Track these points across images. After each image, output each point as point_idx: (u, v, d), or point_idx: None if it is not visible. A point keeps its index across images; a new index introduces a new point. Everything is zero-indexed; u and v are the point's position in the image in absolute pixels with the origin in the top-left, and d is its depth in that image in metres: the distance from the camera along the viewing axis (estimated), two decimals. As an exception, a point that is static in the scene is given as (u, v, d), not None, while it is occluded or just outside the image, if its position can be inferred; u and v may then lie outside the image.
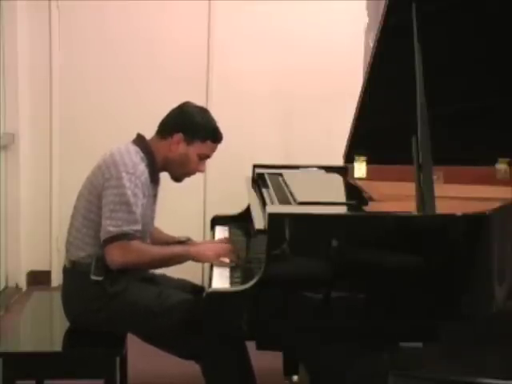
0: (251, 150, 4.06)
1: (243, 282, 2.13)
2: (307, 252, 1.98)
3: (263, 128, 4.29)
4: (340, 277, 1.98)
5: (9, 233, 4.25)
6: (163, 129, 2.52)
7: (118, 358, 2.36)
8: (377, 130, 2.63)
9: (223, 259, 2.38)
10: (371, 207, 2.23)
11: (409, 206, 2.07)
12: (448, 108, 2.51)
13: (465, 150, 2.61)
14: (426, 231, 2.01)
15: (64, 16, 4.18)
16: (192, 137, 2.48)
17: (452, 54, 2.45)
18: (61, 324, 2.46)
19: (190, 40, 4.22)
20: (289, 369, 2.89)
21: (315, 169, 2.99)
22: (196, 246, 2.53)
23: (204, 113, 2.54)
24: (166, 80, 4.19)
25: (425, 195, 2.01)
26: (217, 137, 2.52)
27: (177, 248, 2.49)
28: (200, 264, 4.08)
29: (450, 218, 2.01)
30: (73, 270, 2.43)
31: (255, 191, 2.73)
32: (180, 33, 4.21)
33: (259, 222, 2.19)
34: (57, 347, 2.40)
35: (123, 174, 2.34)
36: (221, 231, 2.86)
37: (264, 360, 2.41)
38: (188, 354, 2.36)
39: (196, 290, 2.50)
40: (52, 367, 2.32)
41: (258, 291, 1.97)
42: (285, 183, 2.55)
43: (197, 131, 2.48)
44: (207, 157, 2.56)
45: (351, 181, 2.76)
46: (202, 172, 2.60)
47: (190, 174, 2.58)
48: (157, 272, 2.63)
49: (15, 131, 4.18)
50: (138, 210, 2.34)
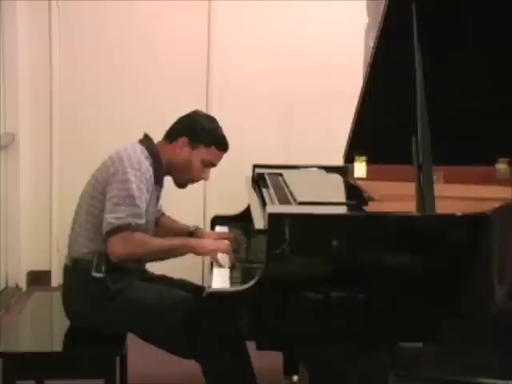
0: (251, 150, 4.05)
1: (243, 282, 2.13)
2: (307, 252, 1.98)
3: (263, 128, 4.28)
4: (340, 277, 1.98)
5: (9, 233, 4.25)
6: (170, 133, 2.55)
7: (118, 358, 2.36)
8: (377, 130, 2.62)
9: (222, 255, 2.38)
10: (371, 207, 2.23)
11: (409, 206, 2.07)
12: (448, 108, 2.51)
13: (465, 150, 2.61)
14: (426, 231, 2.01)
15: (64, 16, 4.18)
16: (197, 141, 2.50)
17: (452, 54, 2.45)
18: (61, 324, 2.47)
19: (190, 40, 4.22)
20: (289, 369, 2.90)
21: (315, 169, 2.98)
22: (197, 239, 2.54)
23: (211, 120, 2.58)
24: (166, 80, 4.18)
25: (425, 195, 2.01)
26: (222, 143, 2.54)
27: (178, 240, 2.50)
28: (200, 264, 4.10)
29: (450, 218, 2.01)
30: (74, 268, 2.43)
31: (255, 191, 2.73)
32: (180, 33, 4.21)
33: (259, 222, 2.19)
34: (57, 347, 2.41)
35: (128, 170, 2.35)
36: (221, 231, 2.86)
37: (264, 360, 2.41)
38: (188, 354, 2.36)
39: (196, 290, 2.50)
40: (52, 367, 2.32)
41: (258, 291, 1.97)
42: (285, 183, 2.55)
43: (202, 136, 2.50)
44: (212, 164, 2.57)
45: (351, 181, 2.76)
46: (206, 180, 2.61)
47: (194, 181, 2.59)
48: (157, 272, 2.63)
49: (15, 131, 4.18)
50: (143, 205, 2.35)
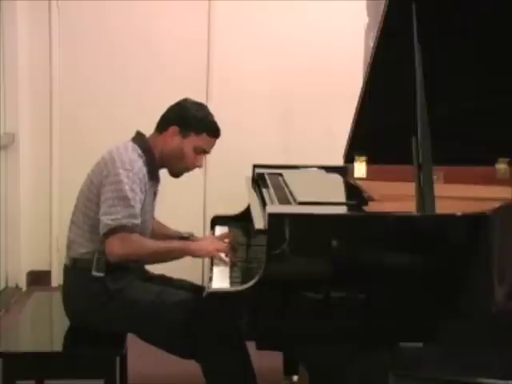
0: (251, 150, 4.06)
1: (243, 282, 2.12)
2: (307, 252, 1.98)
3: (263, 127, 4.28)
4: (340, 277, 1.98)
5: (9, 233, 4.25)
6: (161, 123, 2.53)
7: (118, 358, 2.37)
8: (377, 130, 2.62)
9: (222, 255, 2.39)
10: (371, 207, 2.23)
11: (409, 206, 2.07)
12: (448, 108, 2.51)
13: (465, 150, 2.61)
14: (426, 231, 2.01)
15: (64, 16, 4.18)
16: (187, 129, 2.48)
17: (452, 54, 2.44)
18: (61, 324, 2.47)
19: (190, 40, 4.21)
20: (289, 369, 2.89)
21: (315, 169, 2.98)
22: (196, 242, 2.55)
23: (201, 107, 2.54)
24: (166, 80, 4.18)
25: (425, 195, 2.01)
26: (212, 130, 2.50)
27: (177, 242, 2.50)
28: (200, 264, 4.10)
29: (450, 218, 2.01)
30: (74, 268, 2.44)
31: (255, 191, 2.73)
32: (180, 33, 4.21)
33: (259, 222, 2.19)
34: (57, 347, 2.40)
35: (120, 171, 2.34)
36: (221, 231, 2.85)
37: (264, 360, 2.41)
38: (188, 354, 2.36)
39: (196, 290, 2.50)
40: (52, 367, 2.32)
41: (258, 291, 1.97)
42: (285, 183, 2.55)
43: (192, 123, 2.47)
44: (204, 151, 2.54)
45: (351, 181, 2.76)
46: (200, 167, 2.58)
47: (188, 169, 2.56)
48: (157, 272, 2.63)
49: (15, 131, 4.18)
50: (137, 205, 2.35)
